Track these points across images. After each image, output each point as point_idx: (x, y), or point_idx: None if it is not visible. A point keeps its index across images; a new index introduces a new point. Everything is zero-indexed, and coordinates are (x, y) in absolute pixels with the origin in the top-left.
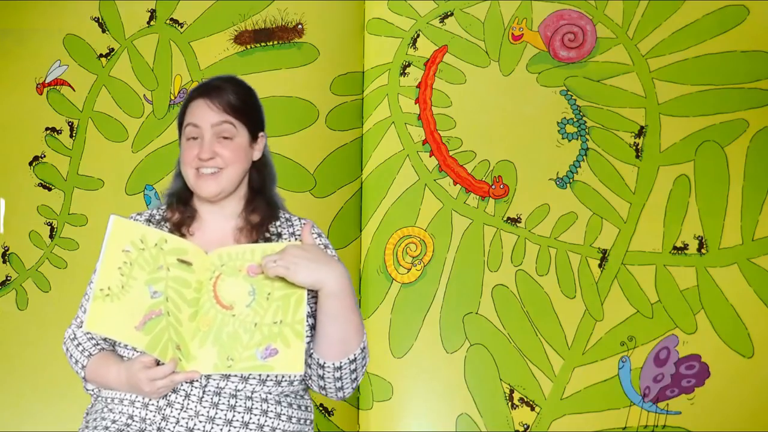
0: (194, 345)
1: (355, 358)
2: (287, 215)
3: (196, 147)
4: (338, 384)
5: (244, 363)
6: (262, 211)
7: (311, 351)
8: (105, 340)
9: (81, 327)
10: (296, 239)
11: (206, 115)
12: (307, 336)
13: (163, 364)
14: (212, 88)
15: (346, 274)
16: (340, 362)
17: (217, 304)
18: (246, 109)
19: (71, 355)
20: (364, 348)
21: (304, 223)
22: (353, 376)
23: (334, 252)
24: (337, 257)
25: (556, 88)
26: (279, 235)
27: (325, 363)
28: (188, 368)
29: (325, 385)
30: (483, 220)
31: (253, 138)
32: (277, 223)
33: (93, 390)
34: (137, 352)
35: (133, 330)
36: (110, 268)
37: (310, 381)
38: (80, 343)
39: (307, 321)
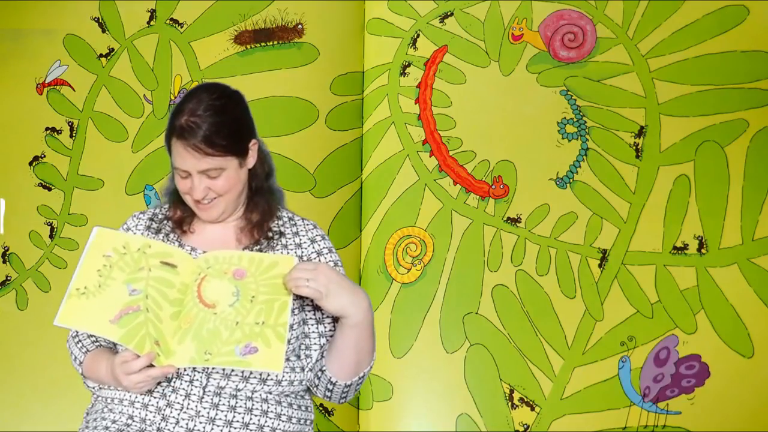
0: (174, 341)
1: (364, 374)
2: (290, 214)
3: (188, 182)
4: (344, 395)
5: (221, 357)
6: (261, 209)
7: (323, 367)
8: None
9: None
10: (299, 238)
11: (190, 162)
12: (291, 344)
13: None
14: (187, 130)
15: (370, 303)
16: (351, 381)
17: (199, 303)
18: (229, 139)
19: (71, 353)
20: (372, 364)
21: (309, 226)
22: (358, 387)
23: (337, 256)
24: (338, 259)
25: (556, 88)
26: (281, 234)
27: (336, 381)
28: (165, 363)
29: (331, 396)
30: (483, 220)
31: (244, 156)
32: (280, 222)
33: (93, 388)
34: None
35: (107, 323)
36: (89, 270)
37: (315, 389)
38: (80, 340)
39: (292, 328)
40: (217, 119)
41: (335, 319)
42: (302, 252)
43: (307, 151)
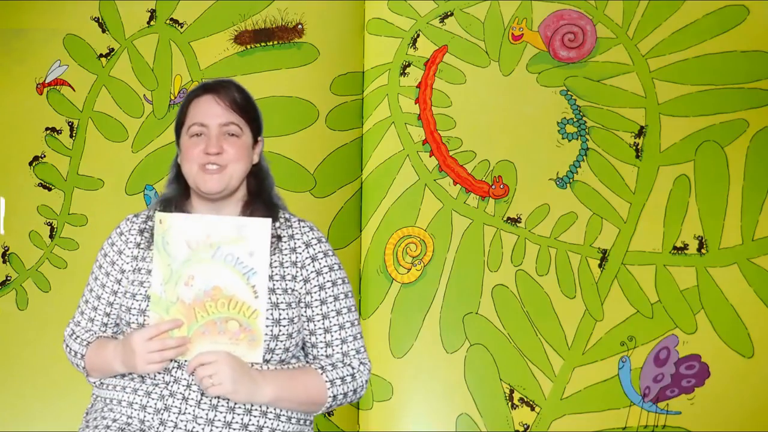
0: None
1: (327, 407)
2: (286, 215)
3: (201, 143)
4: (321, 413)
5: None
6: (260, 212)
7: None
8: (105, 332)
9: (79, 325)
10: (294, 242)
11: (214, 112)
12: (293, 338)
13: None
14: (218, 86)
15: (273, 381)
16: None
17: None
18: (250, 109)
19: (71, 349)
20: (335, 396)
21: (305, 228)
22: (333, 408)
23: (335, 259)
24: (335, 263)
25: (556, 88)
26: (278, 238)
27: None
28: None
29: None
30: (483, 220)
31: (254, 140)
32: (276, 225)
33: (95, 382)
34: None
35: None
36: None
37: None
38: (78, 336)
39: (293, 321)
40: (244, 92)
41: (340, 311)
42: (296, 257)
43: (307, 151)
